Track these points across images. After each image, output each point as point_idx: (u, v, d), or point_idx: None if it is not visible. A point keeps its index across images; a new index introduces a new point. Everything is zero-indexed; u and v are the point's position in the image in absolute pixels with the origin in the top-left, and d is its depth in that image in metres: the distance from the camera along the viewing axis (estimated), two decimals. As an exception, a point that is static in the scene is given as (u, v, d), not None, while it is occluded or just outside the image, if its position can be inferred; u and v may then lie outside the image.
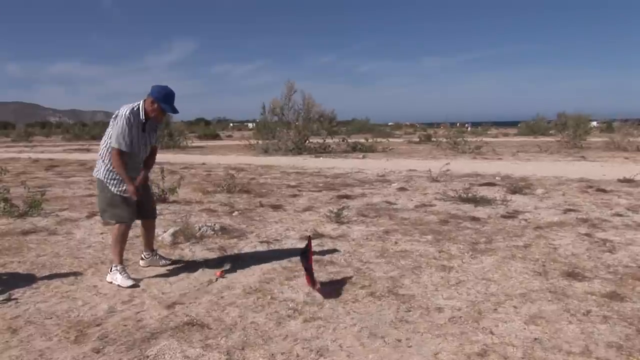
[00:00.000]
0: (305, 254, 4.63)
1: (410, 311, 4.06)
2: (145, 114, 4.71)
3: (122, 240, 4.87)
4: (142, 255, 5.37)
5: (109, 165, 4.71)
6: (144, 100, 4.73)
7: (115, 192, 4.73)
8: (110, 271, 4.83)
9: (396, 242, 6.22)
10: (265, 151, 23.88)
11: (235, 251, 5.91)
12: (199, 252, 5.84)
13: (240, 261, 5.52)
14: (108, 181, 4.74)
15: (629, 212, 7.95)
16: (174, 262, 5.43)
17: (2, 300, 4.32)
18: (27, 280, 4.86)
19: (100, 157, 4.79)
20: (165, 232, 6.44)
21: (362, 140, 26.08)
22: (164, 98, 4.69)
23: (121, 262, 4.85)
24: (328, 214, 7.70)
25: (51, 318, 3.98)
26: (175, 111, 4.79)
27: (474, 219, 7.59)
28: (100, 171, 4.79)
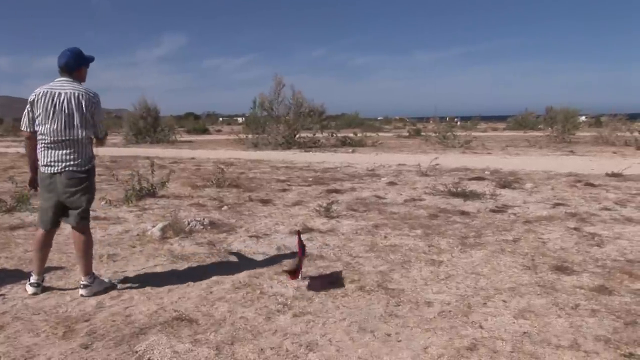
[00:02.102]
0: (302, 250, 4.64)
1: (399, 305, 4.06)
2: None
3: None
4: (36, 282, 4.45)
5: (90, 151, 4.34)
6: (72, 73, 4.23)
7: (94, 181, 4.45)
8: (92, 283, 4.36)
9: (385, 237, 6.22)
10: (255, 145, 23.82)
11: (225, 246, 5.89)
12: (188, 247, 5.81)
13: (229, 256, 5.51)
14: (92, 170, 4.37)
15: (617, 206, 8.00)
16: (160, 257, 5.41)
17: (-11, 296, 4.29)
18: (15, 276, 4.82)
19: (79, 144, 4.22)
20: (154, 226, 6.42)
21: (352, 135, 26.07)
22: (89, 57, 4.39)
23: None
24: (317, 208, 7.69)
25: (39, 314, 3.95)
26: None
27: (464, 213, 7.61)
28: (83, 159, 4.26)
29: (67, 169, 4.19)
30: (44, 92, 4.18)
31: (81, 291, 4.33)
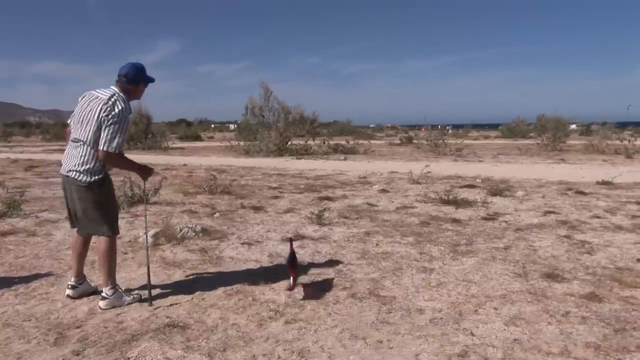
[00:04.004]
0: (292, 259, 4.65)
1: (391, 312, 4.08)
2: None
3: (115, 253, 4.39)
4: (73, 284, 4.45)
5: (98, 163, 4.11)
6: (129, 86, 4.15)
7: (108, 191, 4.28)
8: (111, 297, 4.21)
9: (377, 244, 6.24)
10: (247, 153, 23.83)
11: (217, 253, 5.89)
12: (180, 254, 5.81)
13: (221, 262, 5.51)
14: (98, 184, 4.16)
15: (607, 214, 8.05)
16: (152, 264, 5.39)
17: (-20, 302, 4.27)
18: (6, 282, 4.80)
19: (90, 150, 4.06)
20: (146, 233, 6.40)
21: (344, 142, 26.11)
22: (150, 77, 4.34)
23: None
24: (309, 215, 7.70)
25: (30, 320, 3.94)
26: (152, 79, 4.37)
27: (455, 220, 7.64)
28: (89, 169, 4.10)
29: (71, 174, 4.13)
30: (89, 92, 4.19)
31: (100, 303, 4.21)
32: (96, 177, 4.13)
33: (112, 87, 4.16)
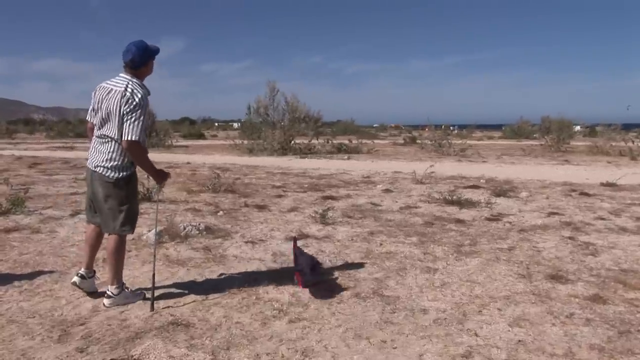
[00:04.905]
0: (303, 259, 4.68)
1: (395, 312, 4.07)
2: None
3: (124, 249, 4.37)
4: (82, 273, 4.35)
5: (126, 159, 4.13)
6: (138, 70, 4.09)
7: (133, 189, 4.33)
8: (117, 295, 4.20)
9: (381, 244, 6.23)
10: (250, 151, 23.82)
11: (220, 251, 5.89)
12: (183, 252, 5.81)
13: (225, 261, 5.51)
14: (125, 180, 4.17)
15: (612, 216, 8.03)
16: (158, 261, 5.40)
17: (-16, 298, 4.27)
18: (10, 278, 4.81)
19: (116, 145, 4.07)
20: (149, 231, 6.41)
21: (347, 142, 26.08)
22: (155, 49, 4.21)
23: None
24: (313, 214, 7.71)
25: (34, 317, 3.94)
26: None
27: (459, 221, 7.63)
28: (116, 165, 4.09)
29: (97, 169, 4.08)
30: (100, 86, 4.14)
31: (104, 300, 4.20)
32: (124, 173, 4.13)
33: (122, 75, 4.09)
